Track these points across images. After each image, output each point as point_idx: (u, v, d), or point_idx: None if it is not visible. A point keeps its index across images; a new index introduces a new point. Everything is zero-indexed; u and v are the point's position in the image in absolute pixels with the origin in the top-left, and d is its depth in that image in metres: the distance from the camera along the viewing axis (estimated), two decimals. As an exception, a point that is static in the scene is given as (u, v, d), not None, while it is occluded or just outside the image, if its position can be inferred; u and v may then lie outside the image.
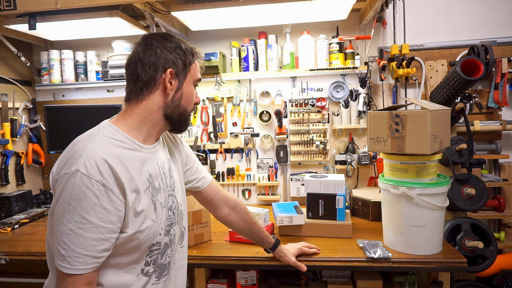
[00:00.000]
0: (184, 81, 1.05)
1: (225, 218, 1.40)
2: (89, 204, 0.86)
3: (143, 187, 0.97)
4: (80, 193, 0.85)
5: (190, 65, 1.05)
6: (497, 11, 2.24)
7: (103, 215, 0.87)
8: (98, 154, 0.89)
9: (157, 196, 1.02)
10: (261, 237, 1.45)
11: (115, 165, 0.90)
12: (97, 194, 0.86)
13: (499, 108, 2.22)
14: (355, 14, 2.36)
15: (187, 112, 1.08)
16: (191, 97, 1.08)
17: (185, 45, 1.05)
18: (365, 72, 2.30)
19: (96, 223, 0.87)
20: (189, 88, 1.07)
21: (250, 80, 2.46)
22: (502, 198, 2.16)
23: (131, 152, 0.97)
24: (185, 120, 1.09)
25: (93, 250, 0.87)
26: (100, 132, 0.96)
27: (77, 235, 0.85)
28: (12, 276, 1.99)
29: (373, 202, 1.99)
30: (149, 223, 0.98)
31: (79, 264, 0.86)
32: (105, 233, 0.88)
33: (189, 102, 1.07)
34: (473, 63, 1.78)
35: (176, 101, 1.04)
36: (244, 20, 2.24)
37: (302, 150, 2.41)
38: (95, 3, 1.83)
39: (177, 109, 1.05)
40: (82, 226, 0.86)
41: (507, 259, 2.11)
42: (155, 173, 1.03)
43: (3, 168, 2.40)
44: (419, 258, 1.49)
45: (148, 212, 0.98)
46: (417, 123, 1.42)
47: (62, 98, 2.70)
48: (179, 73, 1.03)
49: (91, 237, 0.86)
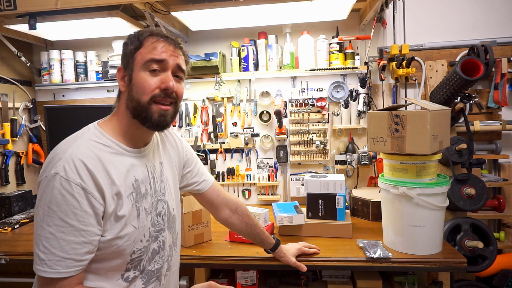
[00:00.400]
0: (133, 72, 0.96)
1: (226, 220, 1.39)
2: (69, 207, 0.84)
3: (126, 192, 0.94)
4: (60, 197, 0.84)
5: (137, 51, 0.95)
6: (497, 11, 2.25)
7: (84, 218, 0.86)
8: (77, 157, 0.87)
9: (141, 202, 0.99)
10: (261, 238, 1.44)
11: (95, 168, 0.88)
12: (77, 197, 0.85)
13: (499, 108, 2.22)
14: (355, 14, 2.36)
15: (140, 103, 0.94)
16: (140, 84, 0.94)
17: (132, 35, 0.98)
18: (365, 72, 2.30)
19: (77, 226, 0.85)
20: (139, 76, 0.94)
21: (250, 80, 2.46)
22: (502, 198, 2.16)
23: (115, 156, 0.95)
24: (142, 112, 0.94)
25: (75, 253, 0.85)
26: (85, 134, 0.95)
27: (58, 238, 0.83)
28: (12, 276, 1.99)
29: (373, 202, 1.99)
30: (130, 230, 0.94)
31: (61, 267, 0.84)
32: (87, 236, 0.86)
33: (140, 91, 0.94)
34: (473, 63, 1.78)
35: (130, 94, 0.96)
36: (244, 20, 2.24)
37: (302, 150, 2.41)
38: (95, 3, 1.83)
39: (131, 103, 0.96)
40: (63, 230, 0.84)
41: (507, 259, 2.11)
42: (142, 178, 1.00)
43: (3, 168, 2.40)
44: (419, 258, 1.49)
45: (130, 218, 0.94)
46: (417, 123, 1.42)
47: (62, 98, 2.70)
48: (126, 67, 0.98)
49: (72, 240, 0.84)
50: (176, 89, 0.98)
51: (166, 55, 0.96)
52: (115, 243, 0.92)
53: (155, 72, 0.95)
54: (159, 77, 0.95)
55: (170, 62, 0.97)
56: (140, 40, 0.96)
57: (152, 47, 0.95)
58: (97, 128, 0.97)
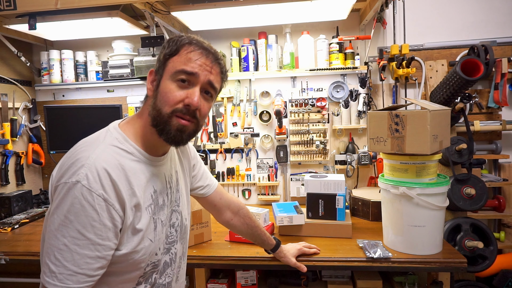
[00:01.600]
0: (162, 78, 0.90)
1: (228, 222, 1.38)
2: (87, 219, 0.79)
3: (145, 203, 0.90)
4: (79, 207, 0.78)
5: (171, 57, 0.89)
6: (497, 11, 2.25)
7: (102, 231, 0.81)
8: (101, 165, 0.81)
9: (159, 214, 0.95)
10: (262, 240, 1.44)
11: (118, 178, 0.83)
12: (97, 209, 0.80)
13: (499, 108, 2.22)
14: (355, 14, 2.36)
15: (161, 114, 0.88)
16: (165, 94, 0.87)
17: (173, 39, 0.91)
18: (365, 72, 2.30)
19: (93, 240, 0.80)
20: (165, 84, 0.88)
21: (250, 80, 2.46)
22: (502, 198, 2.16)
23: (138, 164, 0.90)
24: (161, 124, 0.88)
25: (88, 268, 0.80)
26: (107, 139, 0.88)
27: (72, 251, 0.78)
28: (12, 276, 1.99)
29: (373, 202, 1.99)
30: (147, 243, 0.90)
31: (72, 282, 0.79)
32: (102, 250, 0.81)
33: (163, 101, 0.87)
34: (473, 63, 1.78)
35: (155, 102, 0.89)
36: (244, 20, 2.24)
37: (302, 150, 2.41)
38: (95, 3, 1.83)
39: (153, 111, 0.89)
40: (78, 242, 0.79)
41: (507, 259, 2.11)
42: (160, 189, 0.96)
43: (3, 168, 2.40)
44: (419, 258, 1.49)
45: (147, 232, 0.90)
46: (417, 123, 1.42)
47: (62, 98, 2.70)
48: (158, 71, 0.91)
49: (86, 255, 0.80)
50: (200, 107, 0.90)
51: (199, 69, 0.88)
52: (131, 257, 0.88)
53: (184, 84, 0.88)
54: (186, 91, 0.88)
55: (201, 77, 0.89)
56: (177, 46, 0.89)
57: (187, 57, 0.88)
58: (119, 132, 0.91)
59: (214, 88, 0.93)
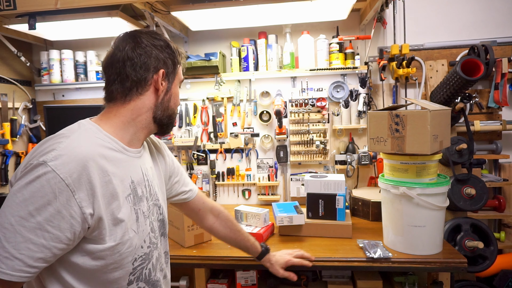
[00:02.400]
0: (173, 82, 1.01)
1: (211, 226, 1.36)
2: (42, 201, 0.74)
3: (124, 193, 0.88)
4: (38, 187, 0.73)
5: (178, 65, 1.02)
6: (497, 11, 2.25)
7: (54, 218, 0.75)
8: (74, 150, 0.79)
9: (139, 205, 0.93)
10: (246, 246, 1.41)
11: (91, 165, 0.79)
12: (56, 193, 0.74)
13: (499, 108, 2.22)
14: (355, 14, 2.36)
15: (174, 114, 1.04)
16: (177, 98, 1.04)
17: (172, 44, 1.01)
18: (365, 72, 2.30)
19: (42, 225, 0.74)
20: (176, 89, 1.04)
21: (250, 80, 2.45)
22: (502, 198, 2.16)
23: (114, 153, 0.89)
24: (172, 122, 1.04)
25: (27, 255, 0.73)
26: (81, 128, 0.87)
27: (16, 232, 0.73)
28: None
29: (373, 202, 1.99)
30: (131, 234, 0.88)
31: (5, 266, 0.72)
32: (49, 239, 0.75)
33: (176, 104, 1.04)
34: (473, 63, 1.78)
35: (165, 103, 0.99)
36: (244, 20, 2.24)
37: (302, 150, 2.41)
38: (95, 3, 1.83)
39: (166, 111, 1.00)
40: (25, 224, 0.73)
41: (507, 259, 2.11)
42: (138, 180, 0.94)
43: (3, 168, 2.40)
44: (419, 258, 1.49)
45: (129, 222, 0.88)
46: (417, 123, 1.42)
47: (62, 98, 2.70)
48: (169, 74, 0.99)
49: (30, 239, 0.73)
50: None
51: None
52: (117, 250, 0.85)
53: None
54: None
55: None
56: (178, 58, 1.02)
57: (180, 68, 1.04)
58: (93, 124, 0.90)
59: None
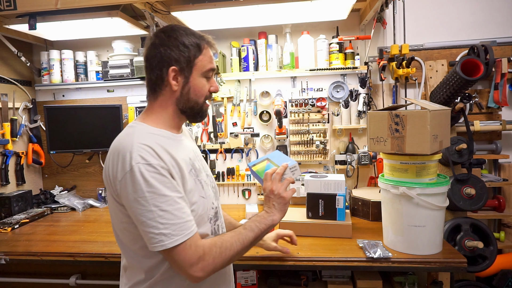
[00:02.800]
0: (190, 76, 1.06)
1: None
2: (162, 184, 0.92)
3: (187, 169, 1.03)
4: (151, 179, 0.91)
5: (196, 59, 1.06)
6: (497, 11, 2.25)
7: (176, 188, 0.96)
8: (144, 144, 0.95)
9: (200, 176, 1.09)
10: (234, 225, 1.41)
11: (161, 152, 0.96)
12: (163, 173, 0.93)
13: (499, 108, 2.22)
14: (355, 14, 2.36)
15: (198, 104, 1.09)
16: (200, 89, 1.08)
17: (189, 39, 1.06)
18: (365, 72, 2.30)
19: (176, 195, 0.94)
20: (197, 81, 1.07)
21: (250, 80, 2.46)
22: (502, 198, 2.16)
23: (168, 140, 1.04)
24: (199, 111, 1.11)
25: (187, 215, 0.95)
26: (136, 129, 1.02)
27: (169, 211, 0.92)
28: (12, 276, 1.99)
29: (373, 202, 1.99)
30: (200, 201, 1.05)
31: (186, 230, 0.93)
32: (184, 200, 0.97)
33: (199, 95, 1.09)
34: (473, 63, 1.78)
35: (185, 95, 1.07)
36: (244, 20, 2.24)
37: (302, 150, 2.41)
38: (95, 3, 1.83)
39: (187, 103, 1.08)
40: (169, 202, 0.92)
41: (507, 259, 2.11)
42: (192, 156, 1.10)
43: (3, 168, 2.40)
44: (419, 258, 1.49)
45: (198, 191, 1.05)
46: (417, 123, 1.42)
47: (62, 98, 2.70)
48: (183, 69, 1.05)
49: (179, 208, 0.94)
50: None
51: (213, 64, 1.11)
52: (195, 212, 1.01)
53: (208, 78, 1.10)
54: (210, 81, 1.11)
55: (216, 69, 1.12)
56: (200, 48, 1.07)
57: (210, 57, 1.09)
58: (141, 124, 1.05)
59: None
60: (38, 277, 1.98)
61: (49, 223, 2.17)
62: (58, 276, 1.96)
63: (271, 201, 1.14)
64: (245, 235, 1.06)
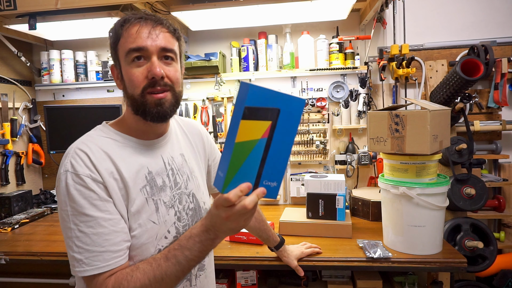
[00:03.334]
0: (120, 65, 0.89)
1: None
2: (87, 200, 0.81)
3: (138, 185, 0.88)
4: (76, 192, 0.80)
5: (117, 43, 0.88)
6: (497, 11, 2.25)
7: (106, 207, 0.82)
8: (81, 151, 0.84)
9: (159, 195, 0.92)
10: (268, 235, 1.42)
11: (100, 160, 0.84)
12: (92, 187, 0.81)
13: (499, 108, 2.22)
14: (355, 14, 2.36)
15: (135, 98, 0.87)
16: (130, 79, 0.87)
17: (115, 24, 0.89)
18: (365, 72, 2.30)
19: (103, 217, 0.81)
20: (125, 70, 0.88)
21: (250, 80, 2.46)
22: (502, 198, 2.16)
23: (124, 149, 0.90)
24: (141, 106, 0.87)
25: (109, 244, 0.81)
26: (91, 132, 0.93)
27: (88, 234, 0.80)
28: (12, 276, 1.99)
29: (373, 202, 1.99)
30: (149, 226, 0.88)
31: (100, 262, 0.80)
32: (115, 224, 0.83)
33: (131, 86, 0.87)
34: (473, 63, 1.78)
35: (126, 91, 0.90)
36: (244, 20, 2.24)
37: (302, 150, 2.41)
38: (95, 3, 1.83)
39: (129, 99, 0.90)
40: (91, 224, 0.80)
41: (507, 259, 2.11)
42: (157, 170, 0.93)
43: (3, 168, 2.40)
44: (419, 258, 1.49)
45: (147, 213, 0.89)
46: (417, 123, 1.42)
47: (62, 98, 2.70)
48: (115, 62, 0.91)
49: (102, 232, 0.81)
50: (166, 73, 0.87)
51: (142, 40, 0.84)
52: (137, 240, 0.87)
53: (140, 61, 0.86)
54: (145, 66, 0.86)
55: (151, 47, 0.85)
56: (116, 31, 0.87)
57: (129, 35, 0.85)
58: (105, 125, 0.95)
59: (170, 51, 0.89)
60: (38, 277, 1.98)
61: (49, 223, 2.17)
62: (58, 276, 1.96)
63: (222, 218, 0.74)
64: (165, 270, 0.80)
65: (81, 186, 0.81)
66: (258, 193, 0.72)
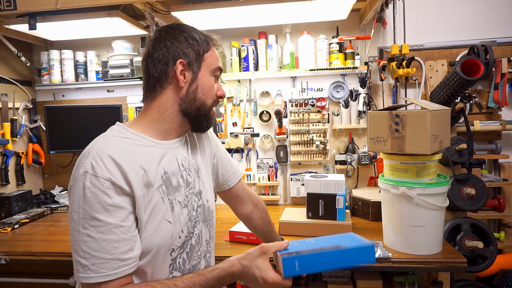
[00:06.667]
0: (199, 72, 0.96)
1: (247, 215, 1.30)
2: (102, 205, 0.79)
3: (156, 184, 0.89)
4: (91, 195, 0.79)
5: (205, 54, 0.96)
6: (497, 11, 2.25)
7: (119, 213, 0.81)
8: (103, 152, 0.83)
9: (174, 195, 0.93)
10: (273, 238, 1.39)
11: (123, 161, 0.84)
12: (108, 192, 0.80)
13: (499, 108, 2.22)
14: (355, 14, 2.36)
15: (205, 106, 0.97)
16: (209, 88, 0.97)
17: (198, 34, 0.97)
18: (365, 72, 2.30)
19: (114, 223, 0.80)
20: (206, 79, 0.97)
21: (250, 80, 2.46)
22: (502, 198, 2.16)
23: (143, 147, 0.91)
24: (204, 115, 0.98)
25: (118, 253, 0.80)
26: (108, 133, 0.93)
27: (97, 240, 0.79)
28: (12, 276, 2.00)
29: (373, 202, 1.99)
30: (164, 225, 0.89)
31: (106, 270, 0.79)
32: (126, 232, 0.81)
33: (207, 95, 0.97)
34: (473, 63, 1.78)
35: (191, 94, 0.95)
36: (244, 20, 2.24)
37: (302, 150, 2.41)
38: (95, 3, 1.83)
39: (193, 103, 0.95)
40: (101, 229, 0.79)
41: (507, 259, 2.11)
42: (172, 170, 0.95)
43: (3, 168, 2.40)
44: (419, 258, 1.49)
45: (163, 213, 0.90)
46: (417, 123, 1.42)
47: (62, 98, 2.70)
48: (191, 64, 0.94)
49: (112, 239, 0.79)
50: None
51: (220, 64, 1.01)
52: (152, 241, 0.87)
53: (216, 79, 1.00)
54: (217, 85, 1.01)
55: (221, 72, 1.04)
56: (208, 43, 0.98)
57: (217, 56, 1.00)
58: (122, 126, 0.94)
59: None
60: (38, 277, 1.98)
61: (49, 223, 2.17)
62: (58, 276, 1.97)
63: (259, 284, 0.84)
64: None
65: (97, 189, 0.80)
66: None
